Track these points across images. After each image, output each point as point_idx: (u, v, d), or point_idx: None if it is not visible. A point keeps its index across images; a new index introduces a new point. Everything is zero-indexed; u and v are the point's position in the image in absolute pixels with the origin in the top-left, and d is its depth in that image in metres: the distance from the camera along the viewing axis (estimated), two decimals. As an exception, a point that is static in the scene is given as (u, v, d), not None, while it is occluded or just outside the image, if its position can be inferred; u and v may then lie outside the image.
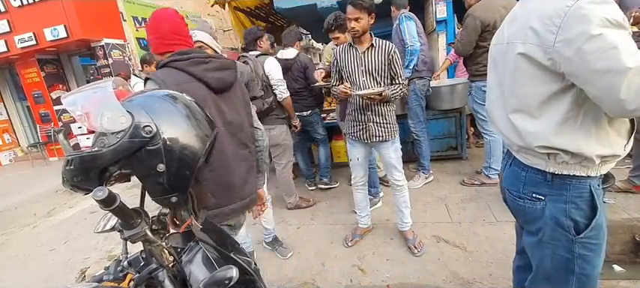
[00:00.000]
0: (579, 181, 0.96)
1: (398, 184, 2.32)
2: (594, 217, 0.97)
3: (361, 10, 1.99)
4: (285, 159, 3.01)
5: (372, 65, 2.10)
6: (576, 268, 1.02)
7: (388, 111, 2.18)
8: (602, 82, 0.77)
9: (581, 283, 1.04)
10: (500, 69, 1.08)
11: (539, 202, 1.03)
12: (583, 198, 0.97)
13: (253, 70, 2.61)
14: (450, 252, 2.28)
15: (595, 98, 0.82)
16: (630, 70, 0.74)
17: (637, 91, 0.75)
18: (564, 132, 0.91)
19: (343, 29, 2.60)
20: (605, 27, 0.76)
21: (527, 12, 0.93)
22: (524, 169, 1.06)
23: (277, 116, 2.85)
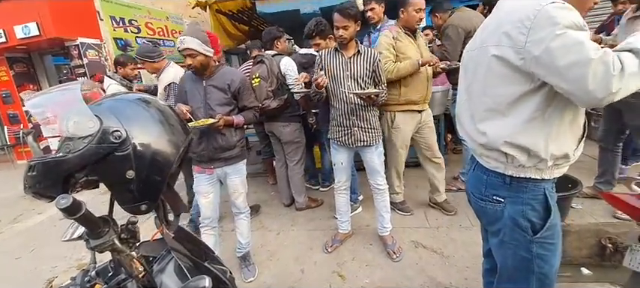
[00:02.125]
0: (535, 184, 1.03)
1: (380, 188, 2.35)
2: (549, 217, 1.04)
3: (349, 19, 2.03)
4: (298, 156, 3.06)
5: (358, 71, 2.14)
6: (535, 267, 1.09)
7: (372, 116, 2.22)
8: (570, 75, 0.83)
9: (540, 282, 1.10)
10: (470, 73, 1.14)
11: (499, 204, 1.09)
12: (538, 200, 1.04)
13: (269, 68, 2.78)
14: (427, 257, 2.32)
15: (567, 93, 0.87)
16: (593, 60, 0.80)
17: (603, 78, 0.80)
18: (528, 130, 0.97)
19: (324, 35, 2.63)
20: (569, 28, 0.83)
21: (500, 18, 0.99)
22: (486, 172, 1.12)
23: (292, 113, 2.94)
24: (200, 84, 1.97)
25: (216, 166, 2.03)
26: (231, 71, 2.10)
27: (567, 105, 0.94)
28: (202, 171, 2.03)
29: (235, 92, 2.03)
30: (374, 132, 2.22)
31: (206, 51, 1.89)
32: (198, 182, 2.06)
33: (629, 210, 1.24)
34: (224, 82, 1.99)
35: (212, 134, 1.96)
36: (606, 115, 2.57)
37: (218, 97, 1.98)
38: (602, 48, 0.82)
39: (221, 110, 1.97)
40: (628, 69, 0.80)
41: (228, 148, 2.03)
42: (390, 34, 2.47)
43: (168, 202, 0.89)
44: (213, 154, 1.99)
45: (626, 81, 0.81)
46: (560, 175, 1.05)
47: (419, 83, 2.48)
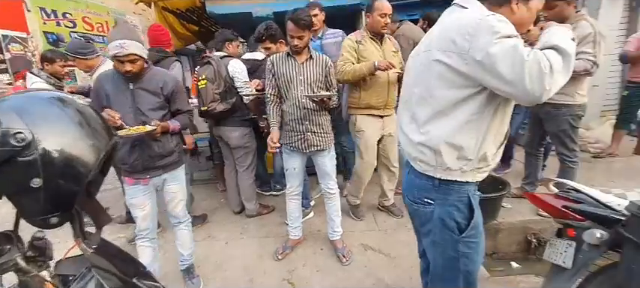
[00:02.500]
0: (460, 186, 1.11)
1: (331, 192, 2.37)
2: (472, 218, 1.13)
3: (304, 29, 2.03)
4: (248, 161, 2.95)
5: (311, 76, 2.14)
6: (461, 265, 1.17)
7: (325, 121, 2.24)
8: (509, 77, 0.91)
9: (466, 280, 1.20)
10: (412, 77, 1.20)
11: (429, 206, 1.17)
12: (463, 202, 1.13)
13: (216, 70, 2.65)
14: (376, 259, 2.38)
15: (508, 94, 0.96)
16: (527, 62, 0.89)
17: (537, 77, 0.89)
18: (464, 131, 1.05)
19: (275, 40, 2.60)
20: (505, 36, 0.92)
21: (445, 26, 1.07)
22: (418, 176, 1.19)
23: (240, 118, 2.81)
24: (125, 87, 1.75)
25: (152, 175, 1.87)
26: (163, 72, 1.93)
27: (496, 113, 1.04)
28: (136, 182, 1.85)
29: (168, 95, 1.87)
30: (327, 136, 2.24)
31: (145, 54, 1.75)
32: (133, 194, 1.87)
33: (547, 208, 1.39)
34: (156, 84, 1.82)
35: (146, 142, 1.80)
36: (531, 124, 2.87)
37: (150, 101, 1.79)
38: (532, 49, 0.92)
39: (155, 116, 1.80)
40: (555, 66, 0.90)
41: (166, 155, 1.89)
42: (354, 38, 2.49)
43: (89, 213, 0.80)
44: (149, 163, 1.83)
45: (555, 77, 0.90)
46: (482, 180, 1.14)
47: (378, 87, 2.47)
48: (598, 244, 1.22)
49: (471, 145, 1.06)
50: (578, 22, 2.32)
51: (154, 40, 2.75)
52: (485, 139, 1.06)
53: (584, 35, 2.26)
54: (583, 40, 2.25)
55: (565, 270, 1.31)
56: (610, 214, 1.24)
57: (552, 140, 2.66)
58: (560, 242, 1.35)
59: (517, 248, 2.68)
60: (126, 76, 1.71)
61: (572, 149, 2.53)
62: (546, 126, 2.62)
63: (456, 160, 1.08)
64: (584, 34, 2.26)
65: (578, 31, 2.27)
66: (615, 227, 1.20)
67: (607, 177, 3.38)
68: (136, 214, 1.89)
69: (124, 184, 1.88)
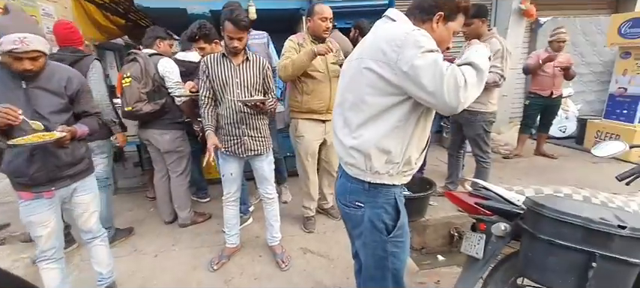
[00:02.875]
0: (387, 189, 1.18)
1: (270, 197, 2.33)
2: (399, 219, 1.21)
3: (243, 30, 1.96)
4: (181, 167, 2.78)
5: (247, 78, 2.07)
6: (390, 264, 1.25)
7: (262, 125, 2.18)
8: (430, 88, 0.99)
9: (394, 277, 1.27)
10: (345, 83, 1.24)
11: (360, 209, 1.22)
12: (390, 203, 1.20)
13: (143, 68, 2.48)
14: (315, 262, 2.40)
15: (430, 104, 1.03)
16: (446, 75, 0.97)
17: (454, 90, 0.97)
18: (392, 136, 1.11)
19: (209, 39, 2.47)
20: (428, 50, 1.00)
21: (377, 36, 1.12)
22: (349, 180, 1.23)
23: (171, 120, 2.63)
24: (16, 85, 1.47)
25: (59, 186, 1.62)
26: (65, 69, 1.66)
27: (419, 120, 1.13)
28: (38, 196, 1.58)
29: (73, 95, 1.63)
30: (265, 141, 2.19)
31: (48, 50, 1.50)
32: (32, 211, 1.58)
33: (462, 205, 1.53)
34: (58, 83, 1.57)
35: (50, 149, 1.54)
36: (452, 129, 3.18)
37: (50, 102, 1.54)
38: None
39: (58, 119, 1.56)
40: (469, 80, 1.00)
41: (76, 163, 1.66)
42: (296, 39, 2.46)
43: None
44: (55, 174, 1.58)
45: (470, 90, 1.00)
46: (411, 181, 1.23)
47: (320, 92, 2.45)
48: (503, 235, 1.39)
49: (397, 150, 1.13)
50: (489, 39, 2.64)
51: (65, 39, 2.38)
52: (410, 144, 1.14)
53: (494, 51, 2.57)
54: (493, 56, 2.57)
55: (478, 260, 1.46)
56: (512, 208, 1.42)
57: (469, 143, 2.97)
58: (473, 235, 1.50)
59: (442, 242, 2.93)
60: (24, 73, 1.44)
61: (486, 151, 2.87)
62: (464, 130, 2.93)
63: (384, 163, 1.14)
64: (494, 50, 2.57)
65: (490, 47, 2.58)
66: (516, 220, 1.38)
67: (514, 175, 3.88)
68: (38, 233, 1.62)
69: (20, 200, 1.57)
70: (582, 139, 4.89)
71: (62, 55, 2.29)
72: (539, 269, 1.26)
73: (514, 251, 1.47)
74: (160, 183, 2.88)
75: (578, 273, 1.20)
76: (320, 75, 2.42)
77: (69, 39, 2.37)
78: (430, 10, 1.12)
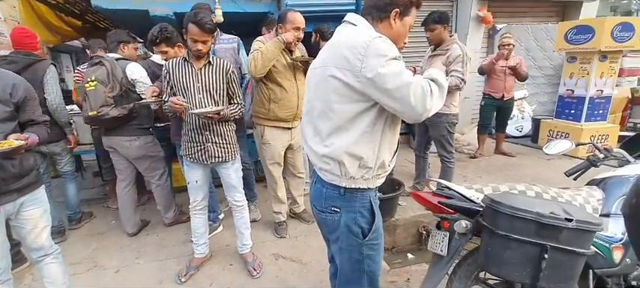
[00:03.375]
0: (363, 193, 1.20)
1: (238, 204, 2.27)
2: (374, 222, 1.23)
3: (209, 33, 1.91)
4: (159, 170, 2.80)
5: (210, 83, 2.01)
6: (366, 266, 1.25)
7: (228, 131, 2.12)
8: (397, 94, 1.02)
9: (370, 279, 1.28)
10: (312, 89, 1.24)
11: (336, 214, 1.22)
12: (366, 207, 1.21)
13: (110, 72, 2.43)
14: (287, 267, 2.38)
15: (395, 110, 1.06)
16: (412, 83, 1.01)
17: (421, 97, 1.02)
18: (362, 142, 1.13)
19: (172, 43, 2.38)
20: (392, 59, 1.03)
21: (340, 42, 1.12)
22: (324, 185, 1.23)
23: (139, 126, 2.61)
24: None
25: (5, 201, 1.50)
26: (10, 76, 1.59)
27: (388, 124, 1.15)
28: None
29: (19, 103, 1.55)
30: (230, 147, 2.14)
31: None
32: None
33: (427, 204, 1.59)
34: (2, 90, 1.49)
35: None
36: (418, 130, 3.29)
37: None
38: (415, 75, 1.06)
39: (3, 128, 1.48)
40: (434, 91, 1.06)
41: (24, 175, 1.55)
42: (263, 39, 2.41)
43: None
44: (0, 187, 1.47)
45: (435, 100, 1.05)
46: (383, 182, 1.25)
47: (288, 101, 2.44)
48: (465, 232, 1.45)
49: (369, 155, 1.14)
50: (451, 44, 2.77)
51: (18, 43, 2.41)
52: (381, 148, 1.16)
53: (455, 56, 2.70)
54: (454, 60, 2.69)
55: (443, 257, 1.52)
56: (472, 206, 1.49)
57: (435, 144, 3.09)
58: (438, 233, 1.56)
59: (412, 241, 3.01)
60: None
61: (450, 151, 2.99)
62: (430, 132, 3.05)
63: (358, 168, 1.15)
64: (455, 55, 2.70)
65: (451, 52, 2.72)
66: (476, 217, 1.45)
67: (476, 173, 4.09)
68: None
69: None
70: (537, 137, 5.25)
71: (15, 58, 2.35)
72: (498, 263, 1.33)
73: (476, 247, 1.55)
74: (124, 193, 2.74)
75: (533, 264, 1.28)
76: (288, 84, 2.41)
77: (21, 43, 2.42)
78: (386, 8, 1.15)
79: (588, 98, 4.59)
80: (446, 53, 2.78)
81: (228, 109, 2.05)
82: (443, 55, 2.81)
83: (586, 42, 4.41)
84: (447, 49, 2.79)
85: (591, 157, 1.87)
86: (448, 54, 2.75)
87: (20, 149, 1.42)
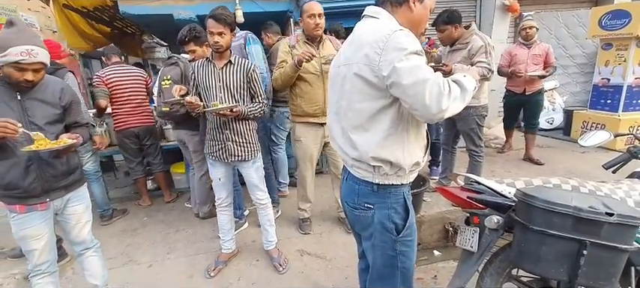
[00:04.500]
0: (396, 189, 1.17)
1: (261, 202, 2.31)
2: (408, 218, 1.20)
3: (224, 25, 1.94)
4: (206, 167, 2.80)
5: (231, 82, 2.05)
6: (399, 263, 1.23)
7: (248, 130, 2.15)
8: (411, 91, 0.97)
9: (403, 276, 1.26)
10: (337, 89, 1.22)
11: (369, 211, 1.20)
12: (399, 203, 1.19)
13: (183, 73, 2.65)
14: (312, 263, 2.40)
15: (409, 107, 1.01)
16: (429, 80, 0.96)
17: (437, 96, 0.96)
18: (388, 145, 1.10)
19: (200, 42, 2.47)
20: (413, 53, 0.98)
21: (361, 38, 1.10)
22: (357, 182, 1.21)
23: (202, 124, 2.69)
24: (11, 96, 1.48)
25: (53, 197, 1.61)
26: (57, 81, 1.69)
27: (412, 121, 1.11)
28: (31, 208, 1.55)
29: (66, 106, 1.65)
30: (250, 146, 2.16)
31: (49, 62, 1.52)
32: (26, 224, 1.56)
33: (455, 200, 1.55)
34: (52, 94, 1.59)
35: (45, 160, 1.54)
36: (445, 124, 3.21)
37: (46, 113, 1.55)
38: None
39: (53, 129, 1.57)
40: (453, 92, 1.00)
41: (70, 173, 1.66)
42: (288, 41, 2.43)
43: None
44: (50, 185, 1.57)
45: (452, 101, 0.99)
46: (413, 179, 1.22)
47: (312, 94, 2.39)
48: (496, 228, 1.41)
49: (399, 157, 1.11)
50: (470, 37, 2.69)
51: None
52: (410, 147, 1.13)
53: (477, 47, 2.61)
54: (477, 52, 2.60)
55: (473, 253, 1.48)
56: (503, 201, 1.44)
57: (463, 138, 3.01)
58: (467, 229, 1.52)
59: (438, 237, 2.95)
60: (20, 85, 1.45)
61: (479, 145, 2.91)
62: (458, 125, 2.96)
63: (391, 168, 1.13)
64: (477, 47, 2.61)
65: (472, 45, 2.63)
66: (508, 212, 1.40)
67: (505, 168, 3.94)
68: (32, 246, 1.59)
69: (12, 214, 1.55)
70: (569, 129, 4.99)
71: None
72: (533, 259, 1.28)
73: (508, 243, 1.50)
74: (202, 181, 2.95)
75: (570, 261, 1.22)
76: (311, 77, 2.37)
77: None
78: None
79: (626, 87, 4.32)
80: (466, 47, 2.70)
81: (246, 107, 2.07)
82: (463, 49, 2.73)
83: (622, 27, 4.14)
84: (466, 42, 2.71)
85: (632, 148, 1.76)
86: (469, 47, 2.67)
87: (73, 147, 1.56)
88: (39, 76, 1.48)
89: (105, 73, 3.05)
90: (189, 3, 3.69)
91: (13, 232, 1.58)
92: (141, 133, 3.26)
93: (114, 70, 3.10)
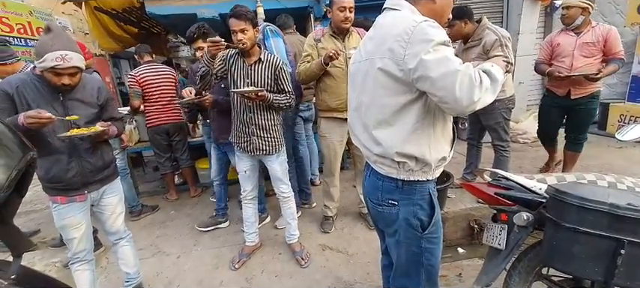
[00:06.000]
0: (422, 185, 1.15)
1: (284, 196, 2.35)
2: (434, 214, 1.18)
3: (245, 21, 1.94)
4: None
5: (259, 79, 2.08)
6: (424, 260, 1.21)
7: (272, 124, 2.17)
8: (440, 84, 0.94)
9: (428, 273, 1.24)
10: (358, 85, 1.20)
11: (394, 207, 1.18)
12: (425, 199, 1.17)
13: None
14: (334, 258, 2.42)
15: (439, 100, 0.98)
16: (459, 71, 0.93)
17: (468, 87, 0.93)
18: (414, 140, 1.07)
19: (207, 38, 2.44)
20: (439, 44, 0.95)
21: (383, 32, 1.08)
22: (380, 178, 1.19)
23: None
24: (54, 97, 1.57)
25: (91, 189, 1.73)
26: (93, 80, 1.78)
27: (439, 114, 1.08)
28: (71, 199, 1.67)
29: (103, 104, 1.75)
30: (274, 140, 2.19)
31: (84, 65, 1.60)
32: (66, 214, 1.67)
33: (482, 196, 1.51)
34: (90, 93, 1.69)
35: (84, 156, 1.66)
36: (470, 118, 3.12)
37: (85, 112, 1.65)
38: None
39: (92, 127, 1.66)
40: (485, 83, 0.96)
41: (106, 167, 1.77)
42: (313, 36, 2.40)
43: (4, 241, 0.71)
44: (88, 178, 1.69)
45: (484, 93, 0.96)
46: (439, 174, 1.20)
47: (336, 89, 2.35)
48: (525, 225, 1.36)
49: (425, 153, 1.08)
50: (482, 32, 2.59)
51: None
52: (436, 143, 1.10)
53: (491, 42, 2.51)
54: (492, 47, 2.51)
55: (500, 251, 1.44)
56: (533, 197, 1.39)
57: (489, 132, 2.91)
58: (495, 226, 1.48)
59: (462, 235, 2.89)
60: (60, 88, 1.55)
61: (506, 140, 2.81)
62: (483, 120, 2.87)
63: (416, 164, 1.11)
64: (491, 41, 2.51)
65: (485, 40, 2.54)
66: (538, 209, 1.35)
67: (534, 164, 3.78)
68: (72, 235, 1.71)
69: (54, 205, 1.67)
70: (605, 124, 4.73)
71: None
72: (565, 258, 1.23)
73: (537, 241, 1.45)
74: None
75: (607, 260, 1.17)
76: (337, 71, 2.33)
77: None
78: None
79: (670, 77, 4.01)
80: (480, 43, 2.60)
81: (273, 94, 2.07)
82: (477, 45, 2.63)
83: (666, 13, 3.85)
84: (479, 38, 2.61)
85: (677, 142, 1.64)
86: (482, 42, 2.57)
87: (104, 134, 1.67)
88: (75, 79, 1.57)
89: (138, 73, 3.17)
90: (212, 2, 3.77)
91: (54, 222, 1.70)
92: (170, 130, 3.37)
93: (146, 69, 3.22)
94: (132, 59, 9.39)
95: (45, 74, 1.49)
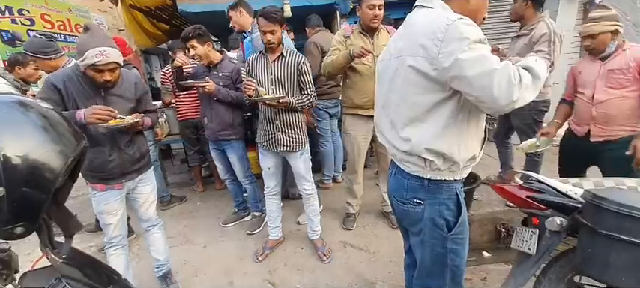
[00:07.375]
0: (449, 185, 1.13)
1: (307, 193, 2.37)
2: (460, 215, 1.15)
3: (275, 23, 2.01)
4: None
5: (282, 74, 2.13)
6: (449, 261, 1.19)
7: (296, 122, 2.21)
8: (477, 83, 0.92)
9: (453, 274, 1.21)
10: (386, 83, 1.19)
11: (419, 207, 1.16)
12: (452, 199, 1.14)
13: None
14: (355, 255, 2.42)
15: (476, 100, 0.96)
16: (497, 71, 0.90)
17: (506, 86, 0.90)
18: (445, 137, 1.05)
19: (202, 41, 2.41)
20: (476, 42, 0.93)
21: (415, 30, 1.06)
22: (406, 177, 1.18)
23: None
24: (95, 93, 1.65)
25: (128, 179, 1.83)
26: (129, 74, 1.84)
27: (472, 112, 1.05)
28: (110, 188, 1.78)
29: (140, 97, 1.85)
30: (298, 138, 2.22)
31: (122, 61, 1.69)
32: (105, 200, 1.79)
33: (512, 199, 1.47)
34: (128, 88, 1.78)
35: (123, 148, 1.76)
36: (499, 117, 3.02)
37: (124, 107, 1.73)
38: (502, 61, 0.94)
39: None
40: (525, 81, 0.92)
41: (142, 158, 1.87)
42: (343, 32, 2.40)
43: (57, 222, 0.77)
44: (125, 168, 1.79)
45: (523, 91, 0.92)
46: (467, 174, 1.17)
47: (363, 85, 2.33)
48: (558, 230, 1.31)
49: (454, 151, 1.06)
50: (537, 23, 2.47)
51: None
52: (467, 141, 1.07)
53: (540, 35, 2.40)
54: (539, 40, 2.40)
55: (530, 256, 1.40)
56: (568, 202, 1.34)
57: (518, 134, 2.81)
58: (525, 230, 1.44)
59: (488, 238, 2.80)
60: (102, 85, 1.64)
61: (536, 143, 2.68)
62: (512, 120, 2.77)
63: (443, 163, 1.08)
64: (539, 34, 2.40)
65: (535, 32, 2.43)
66: (573, 214, 1.29)
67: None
68: (109, 221, 1.82)
69: (93, 192, 1.78)
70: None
71: None
72: (600, 266, 1.18)
73: (570, 247, 1.39)
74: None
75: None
76: (364, 68, 2.31)
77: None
78: None
79: None
80: (530, 33, 2.49)
81: (294, 98, 2.12)
82: (526, 35, 2.52)
83: None
84: (531, 28, 2.50)
85: None
86: (532, 34, 2.46)
87: (138, 125, 1.74)
88: (115, 74, 1.65)
89: (169, 70, 3.30)
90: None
91: (93, 207, 1.82)
92: (198, 124, 3.48)
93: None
94: (162, 55, 9.75)
95: (87, 72, 1.58)
